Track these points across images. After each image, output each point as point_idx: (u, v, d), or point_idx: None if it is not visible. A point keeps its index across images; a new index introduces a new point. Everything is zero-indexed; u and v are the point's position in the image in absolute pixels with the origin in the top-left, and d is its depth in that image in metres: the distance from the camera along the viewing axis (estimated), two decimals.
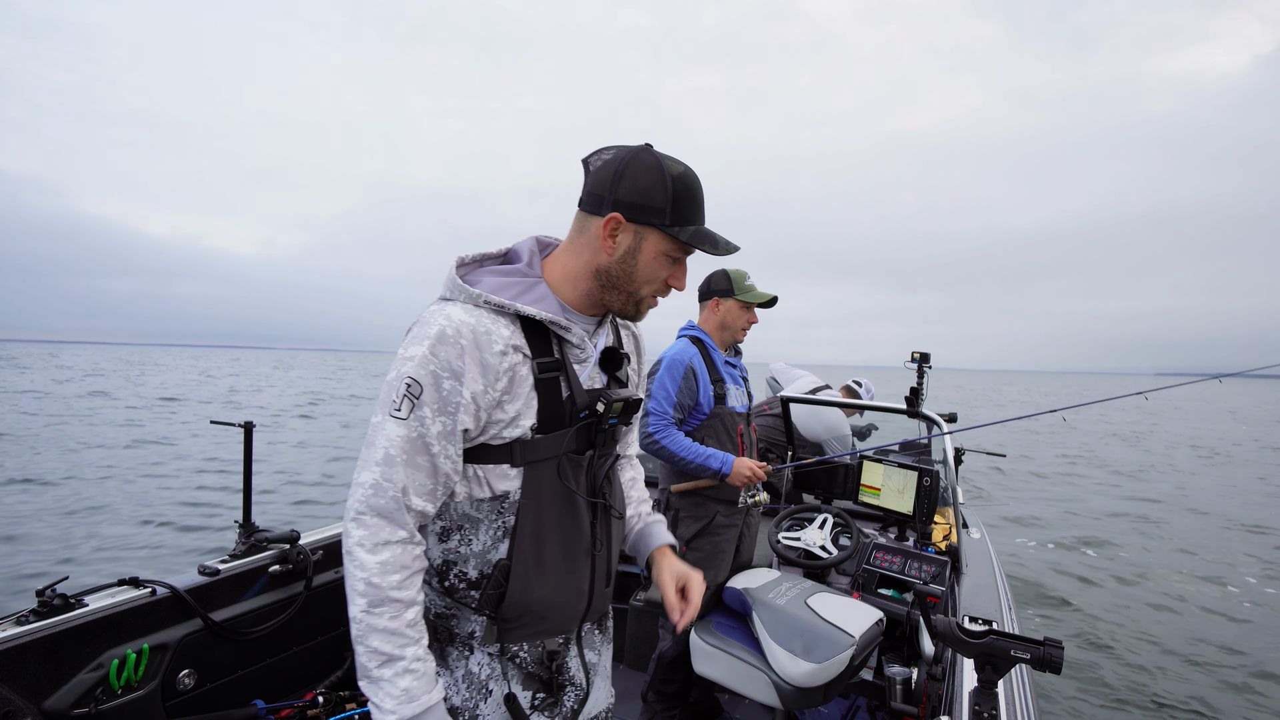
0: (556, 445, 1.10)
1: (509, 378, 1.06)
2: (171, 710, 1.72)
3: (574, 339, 1.12)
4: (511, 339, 1.06)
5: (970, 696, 1.37)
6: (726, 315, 2.53)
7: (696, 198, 1.10)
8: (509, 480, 1.09)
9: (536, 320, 1.09)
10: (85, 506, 7.87)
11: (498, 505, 1.10)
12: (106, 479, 9.35)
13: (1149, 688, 4.36)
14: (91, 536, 6.81)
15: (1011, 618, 2.24)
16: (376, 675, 0.99)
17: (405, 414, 1.01)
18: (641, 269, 1.11)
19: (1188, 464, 15.64)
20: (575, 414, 1.11)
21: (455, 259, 1.13)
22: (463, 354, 1.01)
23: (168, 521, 7.50)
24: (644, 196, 1.06)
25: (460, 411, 1.02)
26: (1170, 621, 5.54)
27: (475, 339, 1.03)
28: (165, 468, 10.32)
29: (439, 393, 1.02)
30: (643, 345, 1.39)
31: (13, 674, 1.44)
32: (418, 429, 1.01)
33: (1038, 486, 11.83)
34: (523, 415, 1.08)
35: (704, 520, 2.47)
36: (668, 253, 1.11)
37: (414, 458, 1.02)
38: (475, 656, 1.14)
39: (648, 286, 1.13)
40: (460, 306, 1.06)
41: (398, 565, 1.01)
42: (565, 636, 1.20)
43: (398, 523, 1.02)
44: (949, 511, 3.04)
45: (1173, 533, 8.69)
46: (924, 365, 3.37)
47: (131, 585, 1.72)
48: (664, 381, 2.40)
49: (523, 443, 1.08)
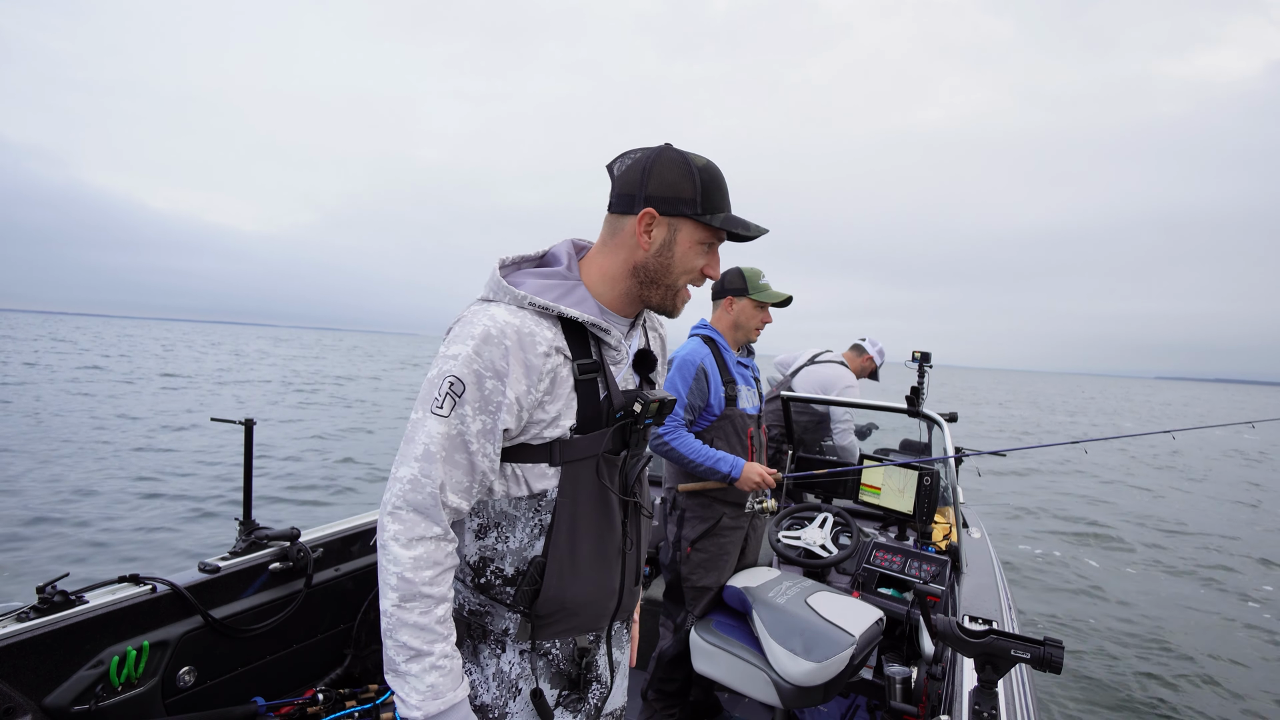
0: (595, 445, 1.13)
1: (551, 379, 1.08)
2: (172, 707, 1.72)
3: (612, 341, 1.15)
4: (554, 341, 1.09)
5: (970, 696, 1.37)
6: (740, 315, 2.50)
7: (723, 186, 1.14)
8: (547, 479, 1.12)
9: (577, 322, 1.11)
10: (84, 504, 7.87)
11: (535, 503, 1.12)
12: (106, 478, 9.36)
13: (1150, 687, 4.36)
14: (92, 533, 6.81)
15: (1011, 617, 2.24)
16: (404, 670, 1.00)
17: (447, 411, 1.03)
18: (678, 260, 1.14)
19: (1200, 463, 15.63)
20: (612, 414, 1.14)
21: (498, 260, 1.16)
22: (507, 354, 1.03)
23: (168, 519, 7.51)
24: (673, 190, 1.10)
25: (502, 411, 1.05)
26: (1172, 621, 5.55)
27: (520, 340, 1.05)
28: (165, 466, 10.32)
29: (481, 392, 1.04)
30: (667, 347, 1.42)
31: (13, 670, 1.44)
32: (458, 426, 1.03)
33: (1038, 483, 11.84)
34: (563, 416, 1.10)
35: (710, 521, 2.46)
36: (701, 241, 1.14)
37: (452, 455, 1.04)
38: (507, 655, 1.16)
39: (685, 277, 1.16)
40: (504, 308, 1.08)
41: (430, 561, 1.02)
42: (595, 634, 1.22)
43: (433, 519, 1.03)
44: (949, 511, 3.04)
45: (1172, 531, 8.70)
46: (925, 365, 3.37)
47: (132, 582, 1.72)
48: (674, 382, 2.38)
49: (562, 442, 1.11)
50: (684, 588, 2.47)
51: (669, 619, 2.55)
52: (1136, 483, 12.72)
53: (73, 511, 7.50)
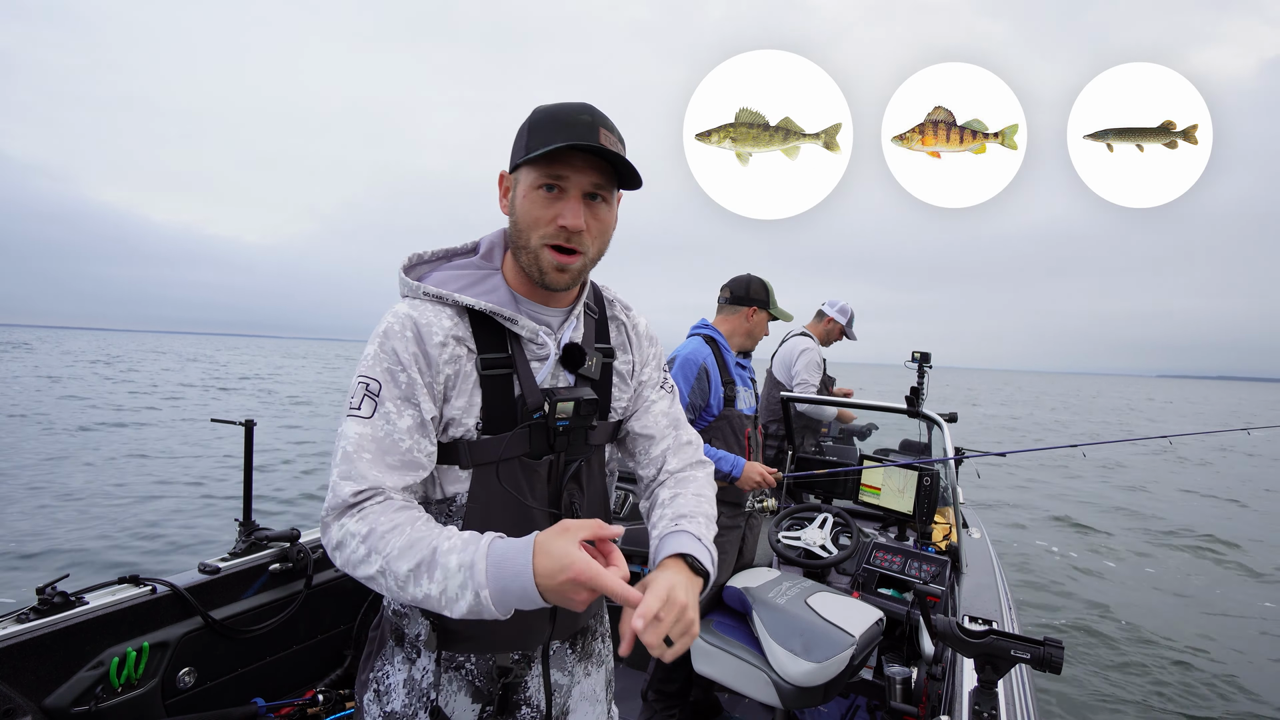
0: (510, 447, 1.03)
1: (452, 371, 1.00)
2: (171, 708, 1.72)
3: (523, 331, 1.04)
4: (452, 330, 1.01)
5: (970, 696, 1.37)
6: (757, 326, 2.55)
7: (561, 117, 0.97)
8: (459, 483, 1.04)
9: (486, 314, 1.03)
10: (84, 505, 7.87)
11: (446, 508, 1.04)
12: (106, 478, 9.36)
13: (1150, 687, 4.36)
14: (92, 534, 6.81)
15: (1011, 618, 2.24)
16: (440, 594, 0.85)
17: (367, 412, 0.96)
18: (521, 213, 1.01)
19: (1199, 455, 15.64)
20: (528, 415, 1.04)
21: (407, 256, 1.09)
22: (407, 345, 0.98)
23: (168, 520, 7.51)
24: (518, 141, 1.02)
25: (422, 400, 0.98)
26: (1171, 620, 5.54)
27: (417, 331, 0.99)
28: (166, 465, 10.32)
29: (398, 388, 0.97)
30: (641, 337, 1.25)
31: (13, 671, 1.44)
32: (383, 426, 0.96)
33: (1038, 481, 11.83)
34: (466, 413, 1.01)
35: None
36: (536, 184, 0.99)
37: (383, 456, 0.95)
38: (420, 661, 1.08)
39: (535, 234, 1.00)
40: (405, 302, 1.03)
41: (380, 510, 0.93)
42: (522, 654, 1.12)
43: (364, 495, 0.94)
44: (949, 511, 3.04)
45: (1172, 533, 8.70)
46: (924, 365, 3.37)
47: (132, 583, 1.72)
48: (676, 381, 2.38)
49: (469, 443, 1.02)
50: None
51: None
52: (1136, 482, 12.72)
53: (73, 512, 7.51)
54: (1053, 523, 9.03)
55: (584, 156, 0.98)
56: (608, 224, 1.06)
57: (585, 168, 0.98)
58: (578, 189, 0.99)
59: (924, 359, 3.38)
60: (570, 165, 0.97)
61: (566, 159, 0.97)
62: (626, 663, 3.13)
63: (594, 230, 1.02)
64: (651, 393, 1.25)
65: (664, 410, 1.26)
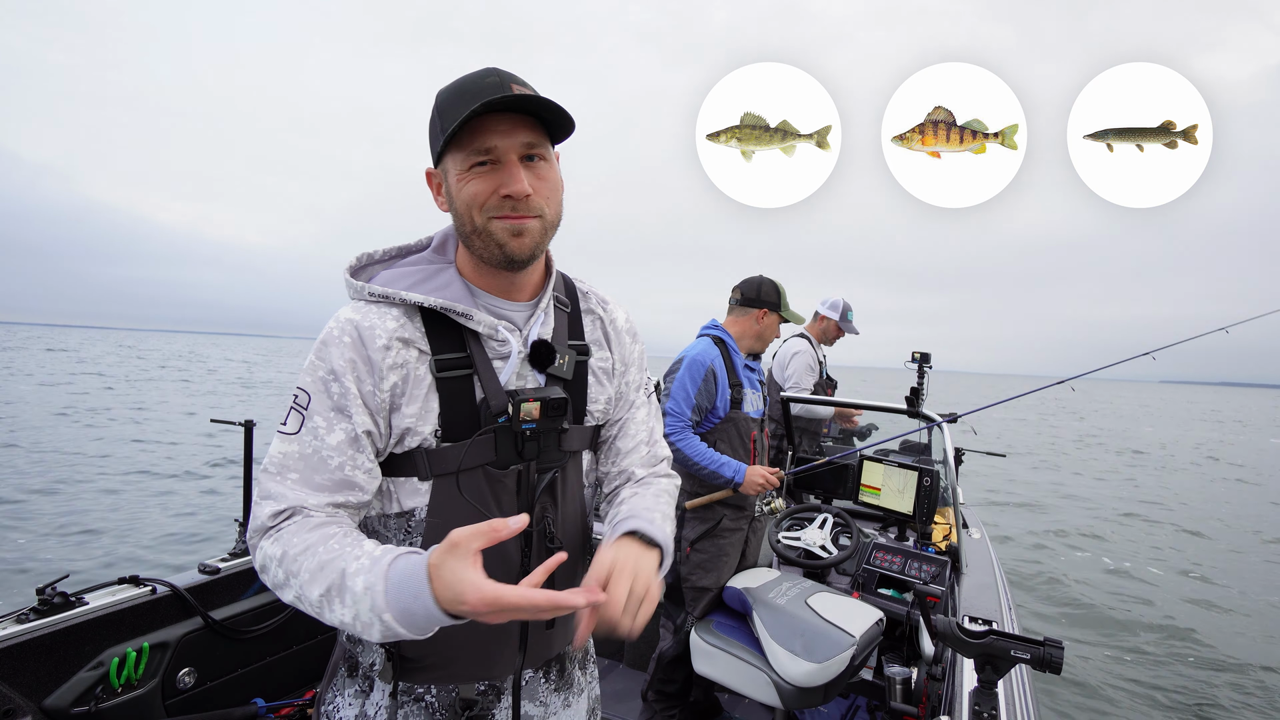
0: (473, 455, 0.95)
1: (400, 375, 0.92)
2: (171, 709, 1.72)
3: (481, 328, 0.96)
4: (399, 332, 0.93)
5: (970, 696, 1.37)
6: (768, 329, 2.53)
7: (466, 89, 0.89)
8: (419, 496, 0.96)
9: (440, 313, 0.95)
10: (84, 506, 7.87)
11: (404, 523, 0.96)
12: (106, 479, 9.36)
13: (1150, 687, 4.35)
14: (91, 534, 6.81)
15: (1011, 618, 2.24)
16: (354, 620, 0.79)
17: (294, 428, 0.90)
18: (459, 200, 0.92)
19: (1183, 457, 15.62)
20: (492, 419, 0.96)
21: (355, 257, 1.02)
22: (344, 352, 0.91)
23: (168, 520, 7.51)
24: (433, 132, 0.95)
25: (355, 413, 0.90)
26: (1175, 618, 5.54)
27: (359, 335, 0.91)
28: (166, 465, 10.32)
29: (330, 399, 0.90)
30: (621, 332, 1.16)
31: (13, 672, 1.44)
32: (311, 443, 0.90)
33: (1039, 479, 11.84)
34: (421, 420, 0.93)
35: (710, 523, 2.46)
36: (465, 164, 0.91)
37: (311, 476, 0.89)
38: (374, 696, 1.00)
39: (480, 214, 0.92)
40: (349, 305, 0.96)
41: (296, 529, 0.87)
42: (491, 685, 1.02)
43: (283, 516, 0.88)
44: (949, 511, 3.04)
45: (1173, 530, 8.70)
46: (924, 365, 3.37)
47: (131, 584, 1.72)
48: (684, 382, 2.37)
49: (427, 452, 0.94)
50: (684, 588, 2.47)
51: (669, 620, 2.55)
52: (1137, 484, 12.72)
53: (73, 513, 7.50)
54: (1053, 523, 9.03)
55: (506, 117, 0.89)
56: (555, 182, 0.96)
57: (511, 129, 0.89)
58: (511, 153, 0.90)
59: (924, 359, 3.37)
60: (495, 132, 0.88)
61: (490, 126, 0.88)
62: (626, 663, 3.12)
63: (543, 192, 0.93)
64: (636, 396, 1.18)
65: (644, 419, 1.19)
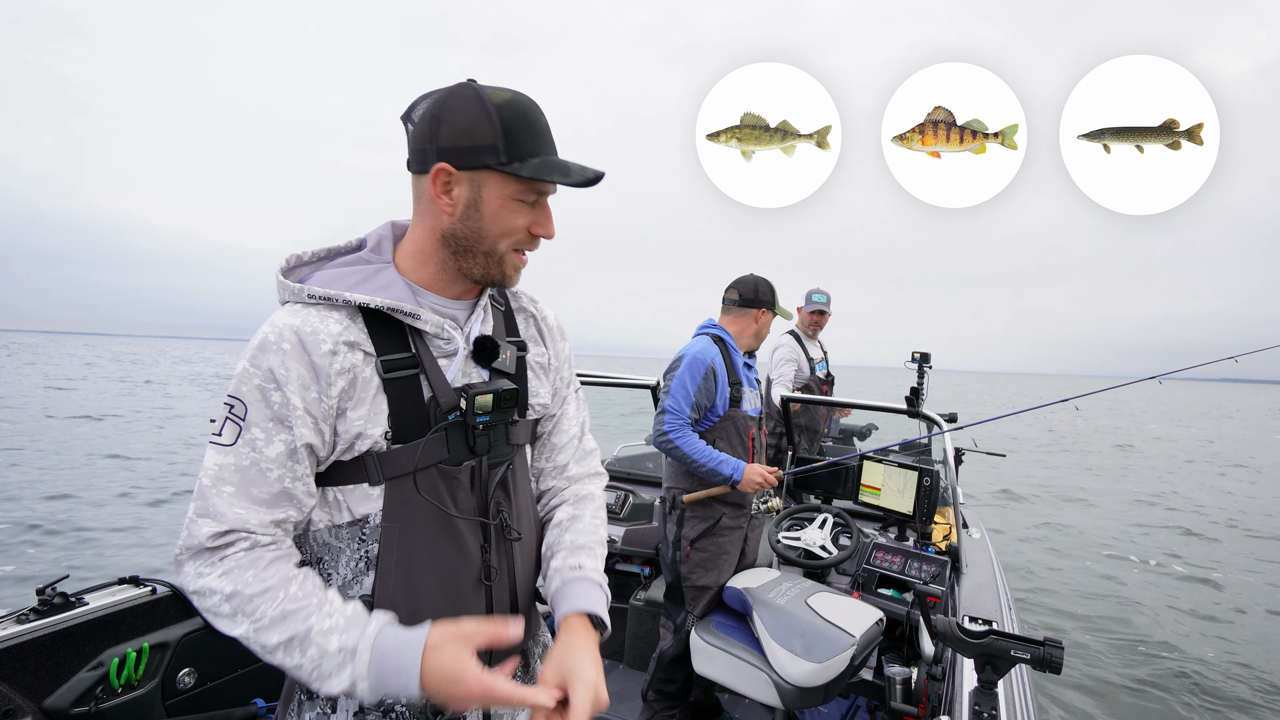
0: (426, 454, 0.94)
1: (348, 380, 0.90)
2: (171, 709, 1.72)
3: (428, 327, 0.95)
4: (344, 335, 0.90)
5: (970, 696, 1.37)
6: (764, 327, 2.56)
7: (535, 124, 0.93)
8: (371, 501, 0.93)
9: (383, 313, 0.93)
10: (84, 506, 7.87)
11: (358, 531, 0.93)
12: (106, 480, 9.36)
13: (1151, 687, 4.36)
14: (91, 535, 6.81)
15: (1011, 618, 2.24)
16: (312, 670, 0.82)
17: (229, 439, 0.87)
18: (490, 222, 0.93)
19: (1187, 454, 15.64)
20: (442, 417, 0.95)
21: (285, 258, 0.97)
22: (285, 359, 0.87)
23: (168, 521, 7.51)
24: (469, 137, 0.90)
25: (296, 425, 0.87)
26: (1177, 619, 5.54)
27: (300, 341, 0.87)
28: (166, 465, 10.33)
29: (269, 408, 0.87)
30: (553, 330, 1.18)
31: (13, 672, 1.44)
32: (249, 455, 0.86)
33: (1043, 481, 11.84)
34: (370, 423, 0.91)
35: (710, 521, 2.47)
36: (516, 196, 0.93)
37: (249, 489, 0.86)
38: (336, 716, 0.95)
39: (506, 240, 0.95)
40: (287, 309, 0.91)
41: (247, 563, 0.85)
42: None
43: (225, 540, 0.85)
44: (949, 511, 3.04)
45: (1172, 531, 8.70)
46: (924, 365, 3.37)
47: (131, 584, 1.73)
48: (684, 380, 2.39)
49: (377, 455, 0.92)
50: (684, 587, 2.48)
51: (669, 619, 2.55)
52: (1141, 483, 12.73)
53: (73, 513, 7.50)
54: (1055, 521, 9.03)
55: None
56: None
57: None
58: (547, 198, 0.98)
59: (924, 359, 3.38)
60: (552, 183, 0.95)
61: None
62: (626, 663, 3.13)
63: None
64: (568, 392, 1.21)
65: (574, 414, 1.22)
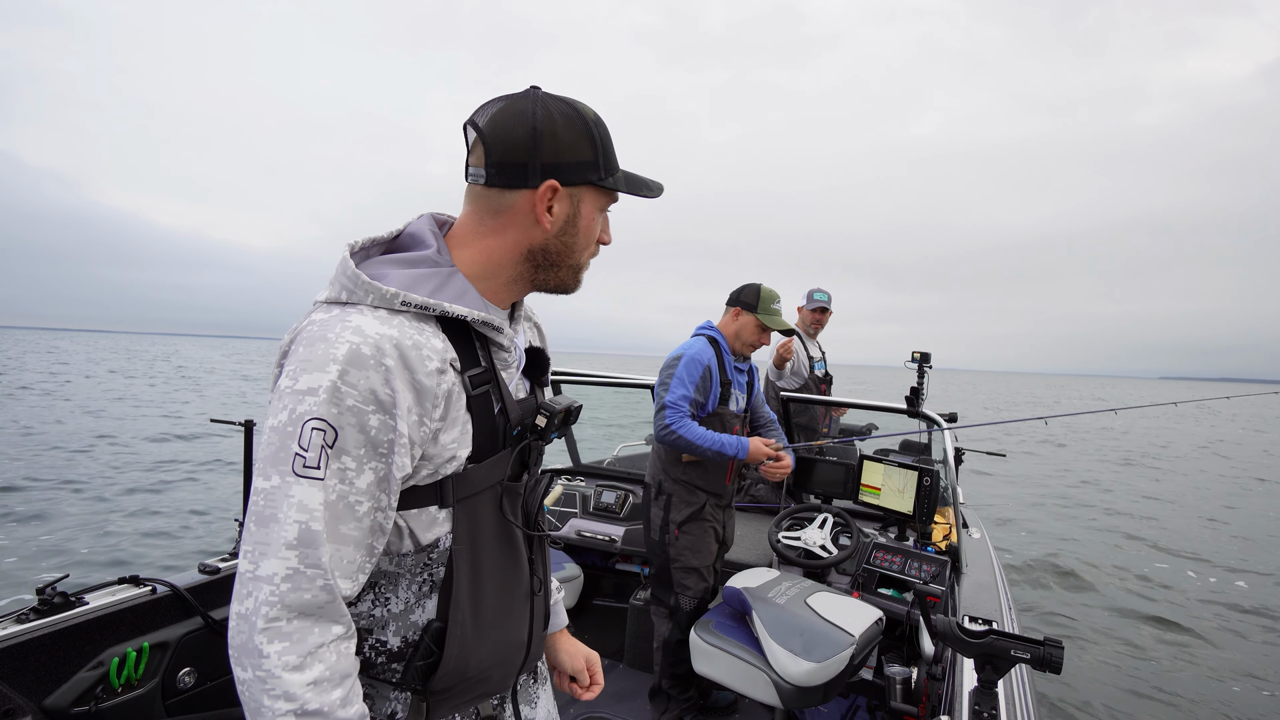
0: (494, 473, 0.90)
1: (448, 401, 0.83)
2: (171, 709, 1.72)
3: (505, 342, 0.92)
4: (445, 352, 0.83)
5: (970, 696, 1.37)
6: (742, 329, 2.61)
7: (610, 137, 0.94)
8: (438, 526, 0.87)
9: (459, 322, 0.86)
10: (84, 506, 7.87)
11: (423, 559, 0.87)
12: (106, 480, 9.36)
13: (1151, 687, 4.36)
14: (91, 534, 6.82)
15: (1011, 618, 2.24)
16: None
17: (323, 471, 0.74)
18: (583, 236, 0.94)
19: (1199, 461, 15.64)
20: (509, 433, 0.92)
21: (348, 244, 0.87)
22: (390, 379, 0.76)
23: (168, 521, 7.51)
24: (574, 153, 0.88)
25: (396, 453, 0.78)
26: (1176, 620, 5.55)
27: (403, 357, 0.78)
28: (165, 465, 10.32)
29: (364, 433, 0.76)
30: (545, 337, 1.17)
31: (13, 672, 1.44)
32: (337, 488, 0.75)
33: (1043, 481, 11.84)
34: (460, 444, 0.86)
35: (695, 506, 2.59)
36: (602, 209, 0.96)
37: (337, 528, 0.76)
38: None
39: (588, 252, 0.97)
40: (370, 313, 0.79)
41: (339, 675, 0.76)
42: (500, 696, 1.01)
43: (331, 617, 0.76)
44: (949, 511, 3.04)
45: (1171, 531, 8.70)
46: (924, 365, 3.37)
47: (132, 583, 1.72)
48: (683, 377, 2.51)
49: (455, 478, 0.87)
50: (672, 569, 2.57)
51: (661, 605, 2.62)
52: (1141, 484, 12.73)
53: (73, 513, 7.51)
54: (1054, 522, 9.04)
55: None
56: None
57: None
58: None
59: (924, 359, 3.37)
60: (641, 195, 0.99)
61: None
62: (626, 663, 3.13)
63: None
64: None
65: None
